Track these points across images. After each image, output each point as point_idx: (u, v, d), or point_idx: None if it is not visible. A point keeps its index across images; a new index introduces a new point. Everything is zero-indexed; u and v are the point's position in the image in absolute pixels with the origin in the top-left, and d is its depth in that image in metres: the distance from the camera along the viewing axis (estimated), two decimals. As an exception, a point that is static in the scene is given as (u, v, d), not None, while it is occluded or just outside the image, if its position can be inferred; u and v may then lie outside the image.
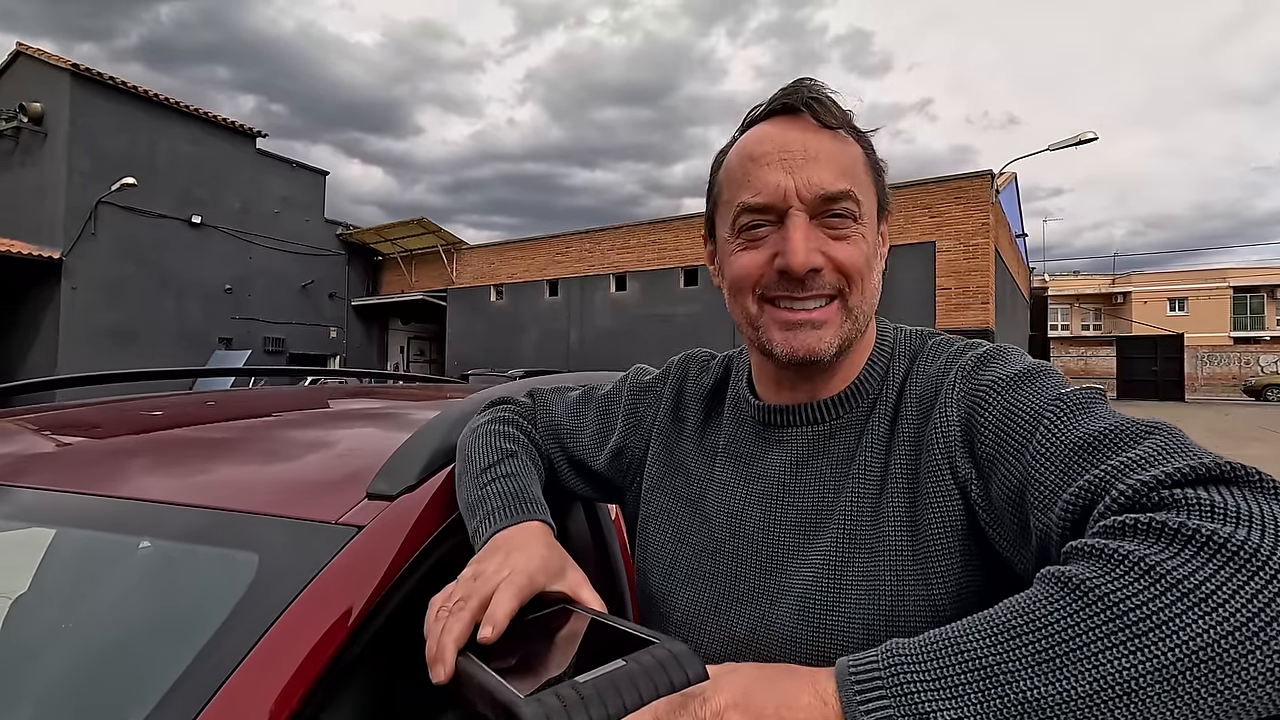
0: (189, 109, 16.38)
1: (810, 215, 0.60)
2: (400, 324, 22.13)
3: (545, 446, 0.78)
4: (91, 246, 14.50)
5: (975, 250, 11.59)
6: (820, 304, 0.61)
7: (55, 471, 0.84)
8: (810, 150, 0.61)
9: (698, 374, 0.78)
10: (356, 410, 1.39)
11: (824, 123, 0.61)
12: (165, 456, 0.92)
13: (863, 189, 0.62)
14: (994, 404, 0.55)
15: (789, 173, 0.60)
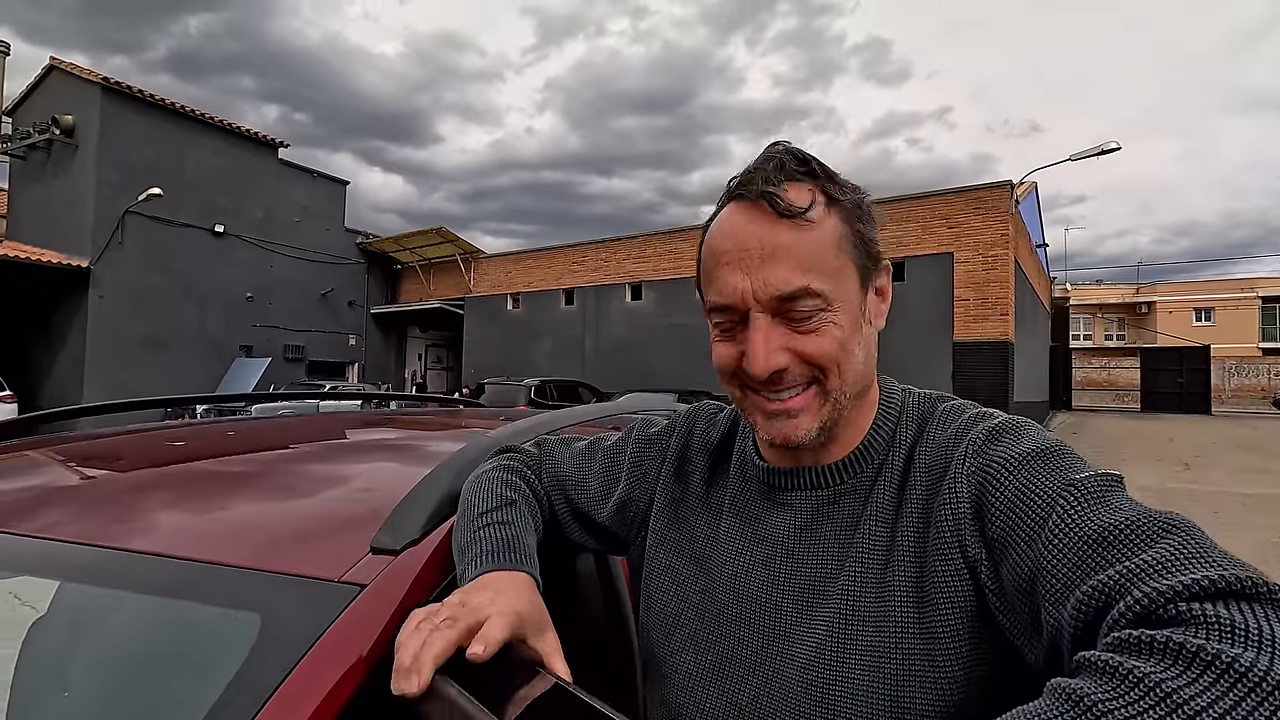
0: (214, 120, 16.70)
1: (772, 314, 0.59)
2: (419, 331, 22.32)
3: (550, 497, 0.78)
4: (118, 256, 14.80)
5: (994, 261, 11.47)
6: (795, 392, 0.61)
7: (40, 515, 0.83)
8: (767, 246, 0.58)
9: (704, 428, 0.77)
10: (367, 444, 1.40)
11: (782, 213, 0.58)
12: (162, 500, 0.92)
13: (831, 274, 0.59)
14: (1006, 483, 0.54)
15: (746, 273, 0.59)
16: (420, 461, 1.19)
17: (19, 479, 1.00)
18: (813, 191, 0.60)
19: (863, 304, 0.63)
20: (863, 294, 0.63)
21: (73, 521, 0.81)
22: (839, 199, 0.61)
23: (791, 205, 0.58)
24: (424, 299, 20.28)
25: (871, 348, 0.65)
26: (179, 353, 15.82)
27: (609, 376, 15.72)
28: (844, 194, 0.61)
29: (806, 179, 0.60)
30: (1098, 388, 28.27)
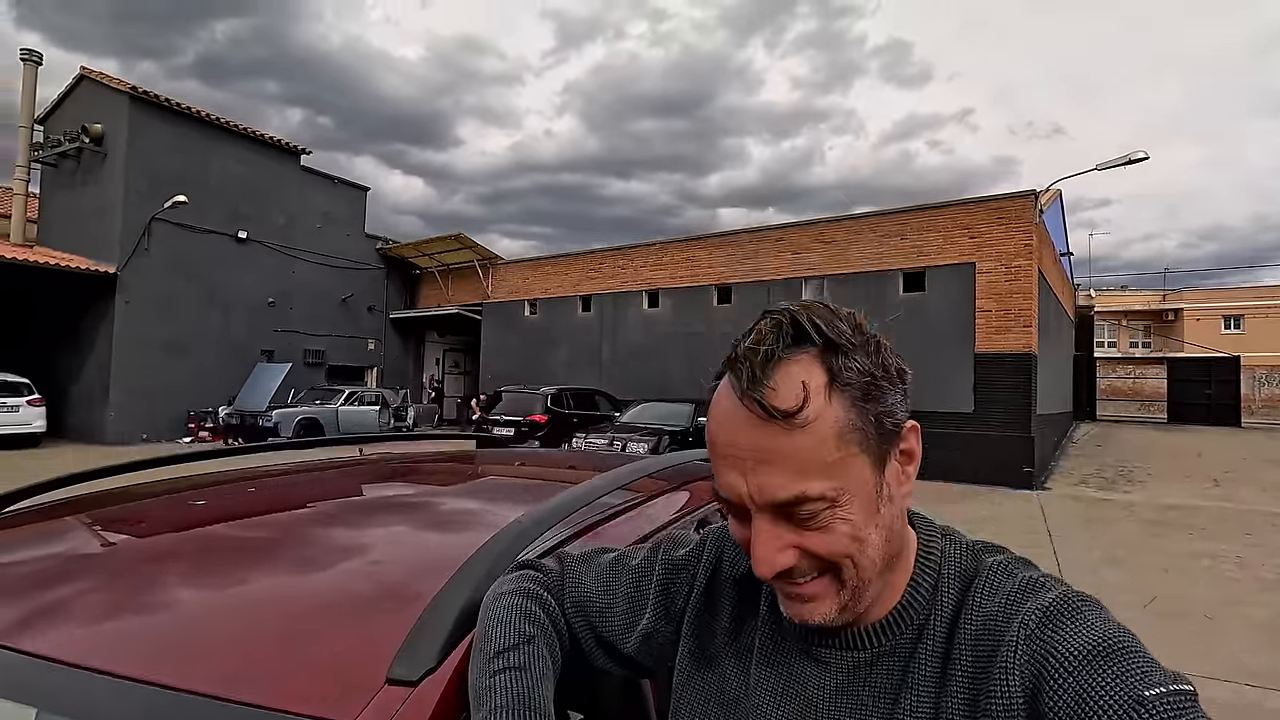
0: (238, 128, 16.95)
1: (774, 514, 0.55)
2: (437, 336, 22.47)
3: (572, 622, 0.75)
4: (144, 262, 15.06)
5: (1018, 272, 11.29)
6: (809, 578, 0.57)
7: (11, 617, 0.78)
8: (759, 450, 0.53)
9: (733, 556, 0.73)
10: (379, 519, 1.37)
11: (770, 415, 0.52)
12: (151, 600, 0.87)
13: (833, 472, 0.53)
14: (1066, 685, 0.49)
15: (741, 475, 0.55)
16: (437, 547, 1.16)
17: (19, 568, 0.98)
18: (807, 379, 0.53)
19: (879, 484, 0.57)
20: (878, 474, 0.57)
21: (45, 627, 0.76)
22: (844, 379, 0.54)
23: (778, 408, 0.52)
24: (442, 304, 20.42)
25: (895, 520, 0.60)
26: (202, 357, 16.06)
27: (625, 384, 15.70)
28: (851, 363, 0.55)
29: (804, 352, 0.55)
30: (1122, 397, 27.73)
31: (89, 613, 0.83)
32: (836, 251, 13.31)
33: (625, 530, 1.26)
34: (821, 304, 0.58)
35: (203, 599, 0.89)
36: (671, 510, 1.50)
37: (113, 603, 0.87)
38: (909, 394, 0.60)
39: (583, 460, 2.29)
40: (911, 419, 0.60)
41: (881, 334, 0.59)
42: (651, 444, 10.13)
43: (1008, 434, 11.15)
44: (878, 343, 0.58)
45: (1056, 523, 8.05)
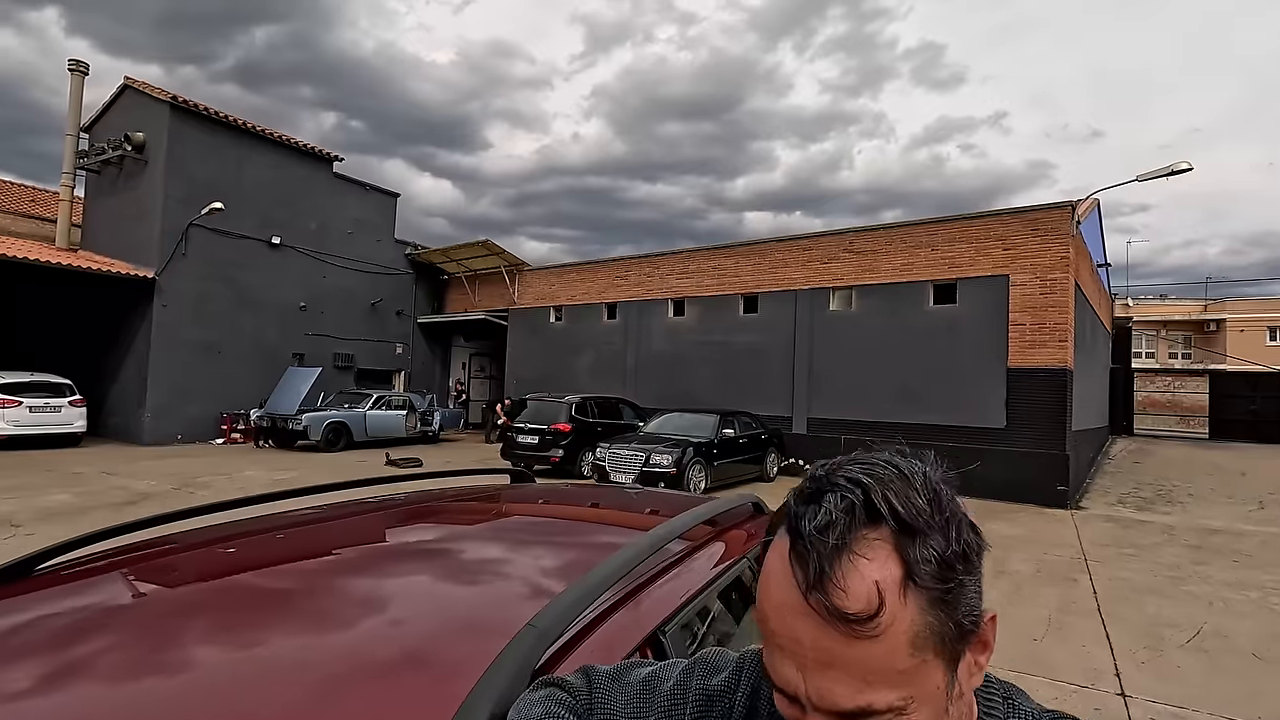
0: (273, 135, 17.29)
1: (832, 716, 0.50)
2: (463, 341, 22.67)
3: None
4: (181, 266, 15.43)
5: (1053, 285, 11.02)
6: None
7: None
8: (820, 652, 0.48)
9: (770, 693, 0.69)
10: (412, 568, 1.35)
11: (839, 619, 0.47)
12: (164, 673, 0.87)
13: (904, 681, 0.48)
14: None
15: (800, 670, 0.49)
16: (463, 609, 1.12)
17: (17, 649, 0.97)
18: (881, 578, 0.47)
19: (951, 683, 0.52)
20: (951, 674, 0.51)
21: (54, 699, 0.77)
22: (921, 574, 0.48)
23: (847, 613, 0.46)
24: (469, 310, 20.60)
25: (962, 715, 0.55)
26: (235, 360, 16.40)
27: (650, 393, 15.66)
28: (930, 553, 0.48)
29: (877, 538, 0.48)
30: (1161, 410, 26.93)
31: (100, 686, 0.83)
32: (865, 262, 13.13)
33: (659, 597, 1.22)
34: (894, 471, 0.51)
35: (221, 671, 0.87)
36: (709, 566, 1.45)
37: (126, 674, 0.87)
38: (982, 578, 0.53)
39: (612, 501, 2.25)
40: (991, 610, 0.54)
41: (951, 489, 0.53)
42: (675, 455, 10.07)
43: (1041, 451, 10.88)
44: (958, 520, 0.51)
45: (1092, 545, 7.81)
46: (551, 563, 1.49)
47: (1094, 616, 5.25)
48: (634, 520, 1.93)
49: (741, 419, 12.31)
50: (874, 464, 0.52)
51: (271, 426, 15.02)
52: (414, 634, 1.06)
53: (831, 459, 0.54)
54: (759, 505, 2.01)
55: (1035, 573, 6.55)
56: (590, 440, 12.13)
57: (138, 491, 9.13)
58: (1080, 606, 5.50)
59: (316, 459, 13.36)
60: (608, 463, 10.52)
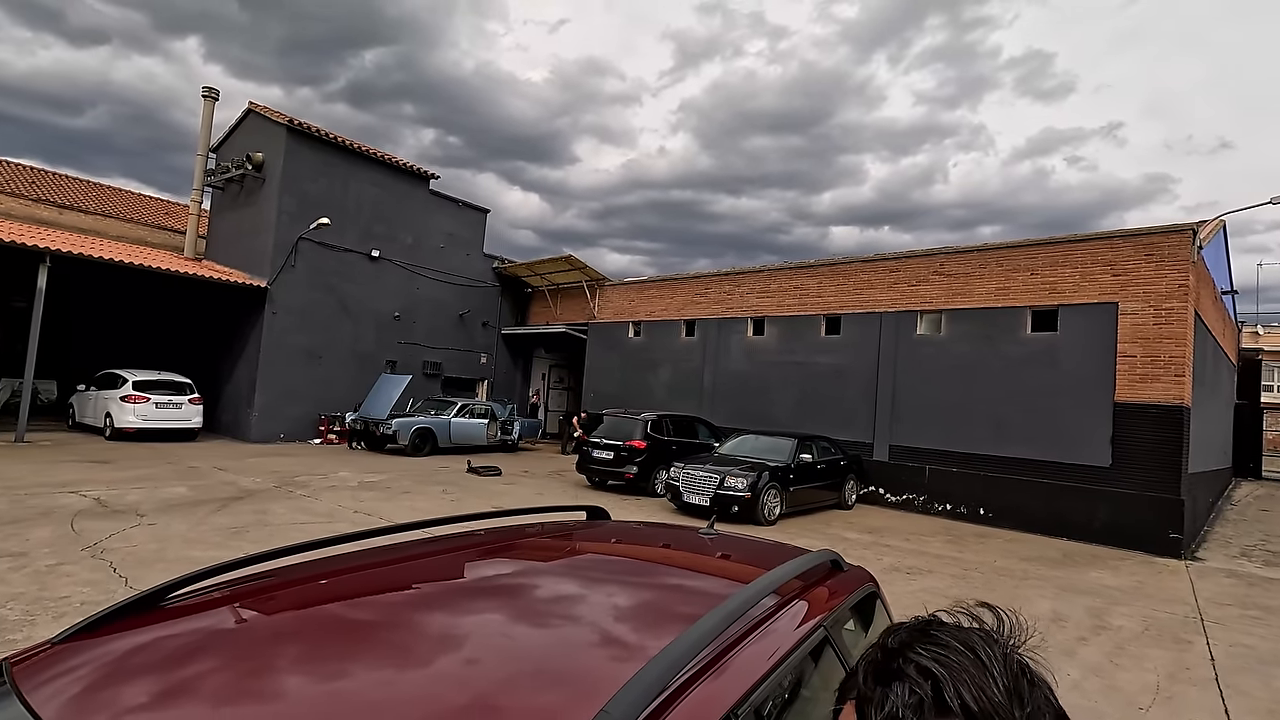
0: (376, 154, 18.38)
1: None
2: (543, 353, 23.24)
3: None
4: (290, 276, 16.58)
5: (1169, 315, 10.19)
6: None
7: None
8: None
9: None
10: (500, 617, 1.39)
11: None
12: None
13: None
14: None
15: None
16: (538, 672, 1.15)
17: (149, 681, 1.07)
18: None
19: None
20: None
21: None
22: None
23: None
24: (550, 322, 21.11)
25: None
26: (334, 365, 17.44)
27: (726, 413, 15.53)
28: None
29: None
30: (1295, 452, 24.30)
31: (213, 708, 0.90)
32: (957, 284, 12.57)
33: (744, 661, 1.21)
34: (971, 654, 0.49)
35: (311, 701, 0.93)
36: (793, 626, 1.43)
37: (233, 698, 0.94)
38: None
39: (687, 544, 2.25)
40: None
41: (1036, 673, 0.50)
42: (750, 479, 9.92)
43: (1151, 494, 10.03)
44: (1041, 710, 0.48)
45: (1210, 604, 7.12)
46: (628, 614, 1.51)
47: (1210, 688, 4.78)
48: (709, 565, 1.92)
49: (820, 443, 11.99)
50: (948, 649, 0.50)
51: (364, 430, 15.86)
52: (489, 679, 1.10)
53: (907, 625, 0.52)
54: (837, 562, 1.96)
55: (1142, 631, 6.03)
56: (665, 458, 12.13)
57: (243, 488, 9.83)
58: (1194, 675, 5.02)
59: (404, 463, 13.98)
60: (681, 483, 10.48)
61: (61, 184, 21.73)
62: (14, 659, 1.13)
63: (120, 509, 7.84)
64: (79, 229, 19.03)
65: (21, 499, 7.96)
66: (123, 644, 1.18)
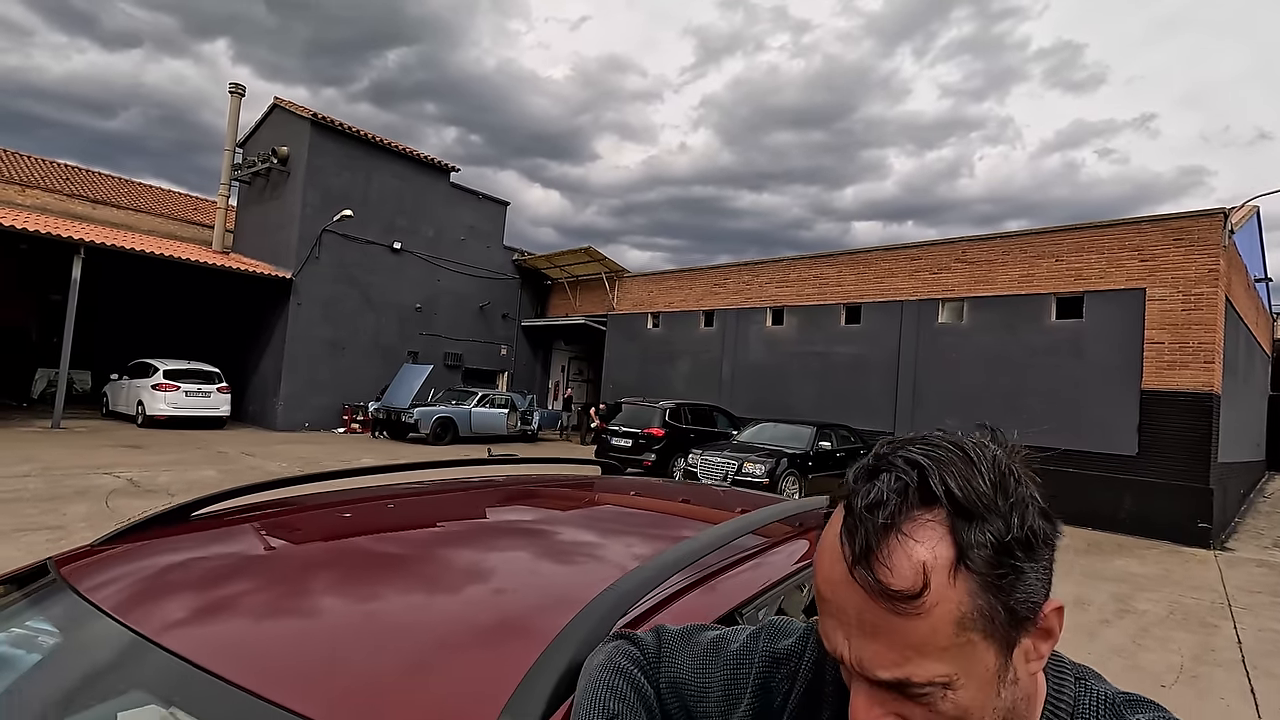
0: (397, 148, 18.58)
1: (875, 683, 0.51)
2: (563, 345, 23.34)
3: (667, 702, 0.74)
4: (314, 268, 16.85)
5: (1198, 300, 9.97)
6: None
7: (198, 626, 0.91)
8: (865, 624, 0.49)
9: None
10: (509, 543, 1.44)
11: (882, 596, 0.47)
12: (285, 619, 0.97)
13: (948, 656, 0.47)
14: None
15: (846, 639, 0.50)
16: (553, 583, 1.20)
17: (185, 574, 1.13)
18: (930, 557, 0.47)
19: (1004, 669, 0.50)
20: (1004, 657, 0.50)
21: (228, 644, 0.87)
22: (972, 558, 0.47)
23: (890, 589, 0.47)
24: (569, 314, 21.20)
25: (1019, 701, 0.53)
26: (357, 355, 17.70)
27: (745, 402, 15.50)
28: (986, 537, 0.47)
29: (930, 519, 0.48)
30: (1333, 447, 23.57)
31: (230, 623, 0.94)
32: (979, 272, 12.41)
33: (737, 584, 1.24)
34: (959, 452, 0.51)
35: (334, 622, 0.97)
36: (789, 561, 1.45)
37: (251, 617, 0.98)
38: (1054, 557, 0.52)
39: (699, 496, 2.29)
40: (1056, 600, 0.52)
41: (1029, 475, 0.52)
42: (769, 465, 9.91)
43: (1179, 483, 9.84)
44: (1024, 506, 0.50)
45: (1239, 591, 6.99)
46: (639, 545, 1.54)
47: (1237, 669, 4.70)
48: (719, 514, 1.95)
49: (839, 432, 11.93)
50: (937, 445, 0.51)
51: (386, 419, 16.08)
52: (509, 600, 1.14)
53: (900, 436, 0.55)
54: None
55: (1167, 615, 5.94)
56: (683, 446, 12.15)
57: (269, 472, 10.04)
58: (1221, 657, 4.93)
59: (425, 451, 14.17)
60: (699, 469, 10.51)
61: (94, 180, 22.26)
62: (58, 558, 1.20)
63: (152, 489, 8.06)
64: (111, 223, 19.50)
65: (59, 479, 8.22)
66: (163, 546, 1.25)
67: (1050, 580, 0.52)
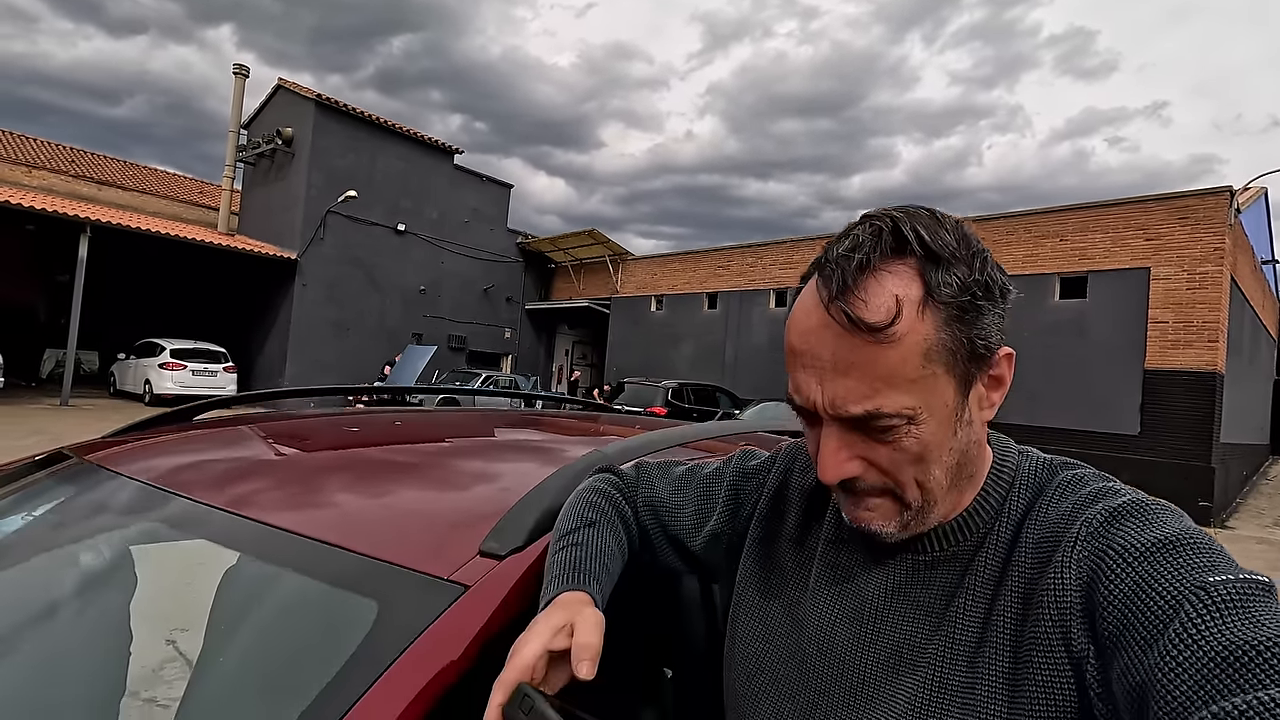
0: (400, 129, 18.56)
1: (845, 424, 0.55)
2: (567, 328, 23.38)
3: (643, 520, 0.79)
4: (319, 250, 16.90)
5: (1203, 279, 9.94)
6: (870, 496, 0.57)
7: (215, 485, 0.99)
8: (839, 360, 0.52)
9: (804, 468, 0.74)
10: (501, 446, 1.50)
11: (856, 327, 0.51)
12: (318, 486, 1.05)
13: (914, 389, 0.52)
14: (1124, 575, 0.47)
15: (819, 383, 0.54)
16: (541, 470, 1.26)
17: (201, 452, 1.20)
18: (902, 292, 0.51)
19: (961, 406, 0.55)
20: (962, 396, 0.55)
21: (250, 496, 0.95)
22: (940, 294, 0.52)
23: (865, 321, 0.50)
24: (573, 297, 21.23)
25: (971, 445, 0.58)
26: (361, 337, 17.78)
27: (749, 384, 15.53)
28: (951, 278, 0.52)
29: (902, 263, 0.52)
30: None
31: (274, 488, 1.03)
32: (984, 253, 12.36)
33: None
34: (927, 211, 0.56)
35: (354, 490, 1.06)
36: None
37: (292, 484, 1.07)
38: (1008, 314, 0.57)
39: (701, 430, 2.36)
40: (1008, 347, 0.58)
41: (983, 243, 0.57)
42: (770, 443, 9.97)
43: (1180, 461, 9.86)
44: (983, 257, 0.55)
45: (1236, 565, 7.03)
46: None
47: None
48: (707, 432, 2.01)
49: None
50: (906, 207, 0.56)
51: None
52: (504, 480, 1.20)
53: None
54: None
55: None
56: (685, 425, 12.20)
57: (276, 447, 10.14)
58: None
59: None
60: (701, 447, 10.58)
61: (100, 163, 22.32)
62: (72, 446, 1.26)
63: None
64: (117, 204, 19.57)
65: (68, 451, 8.33)
66: (172, 435, 1.31)
67: (1003, 330, 0.57)
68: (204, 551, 0.87)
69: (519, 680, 0.54)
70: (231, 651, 0.81)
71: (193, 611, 0.91)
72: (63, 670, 0.84)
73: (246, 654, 0.79)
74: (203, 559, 0.90)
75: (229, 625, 0.84)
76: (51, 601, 0.94)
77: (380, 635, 0.65)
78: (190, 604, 0.94)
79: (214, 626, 0.85)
